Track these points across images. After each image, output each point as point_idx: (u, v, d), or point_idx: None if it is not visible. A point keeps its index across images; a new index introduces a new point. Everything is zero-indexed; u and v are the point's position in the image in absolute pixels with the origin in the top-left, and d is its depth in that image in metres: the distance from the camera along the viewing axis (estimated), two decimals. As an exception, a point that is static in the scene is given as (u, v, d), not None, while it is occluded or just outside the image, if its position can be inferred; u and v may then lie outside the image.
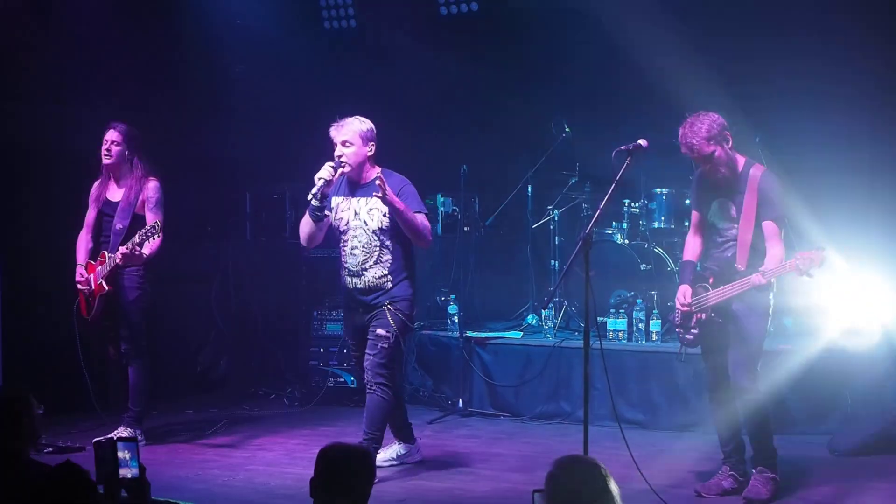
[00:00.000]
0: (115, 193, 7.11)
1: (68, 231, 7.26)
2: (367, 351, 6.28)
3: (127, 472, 3.78)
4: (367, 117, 6.33)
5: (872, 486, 5.96)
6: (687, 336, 5.84)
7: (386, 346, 6.23)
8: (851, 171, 8.87)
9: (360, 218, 6.27)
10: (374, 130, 6.31)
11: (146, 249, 6.82)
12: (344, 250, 6.33)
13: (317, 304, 8.85)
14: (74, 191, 7.07)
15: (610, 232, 8.63)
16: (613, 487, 3.12)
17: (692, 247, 6.03)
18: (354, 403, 8.47)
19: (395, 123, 9.43)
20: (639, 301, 8.08)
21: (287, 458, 6.78)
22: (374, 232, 6.23)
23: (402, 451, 6.62)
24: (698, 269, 5.95)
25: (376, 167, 6.33)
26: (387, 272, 6.26)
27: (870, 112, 8.29)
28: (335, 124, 6.28)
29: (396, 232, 6.24)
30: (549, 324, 8.50)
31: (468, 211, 9.04)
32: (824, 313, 7.44)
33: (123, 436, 6.49)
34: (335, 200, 6.35)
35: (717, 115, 5.68)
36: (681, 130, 5.68)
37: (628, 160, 5.36)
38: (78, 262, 7.10)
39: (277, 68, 9.07)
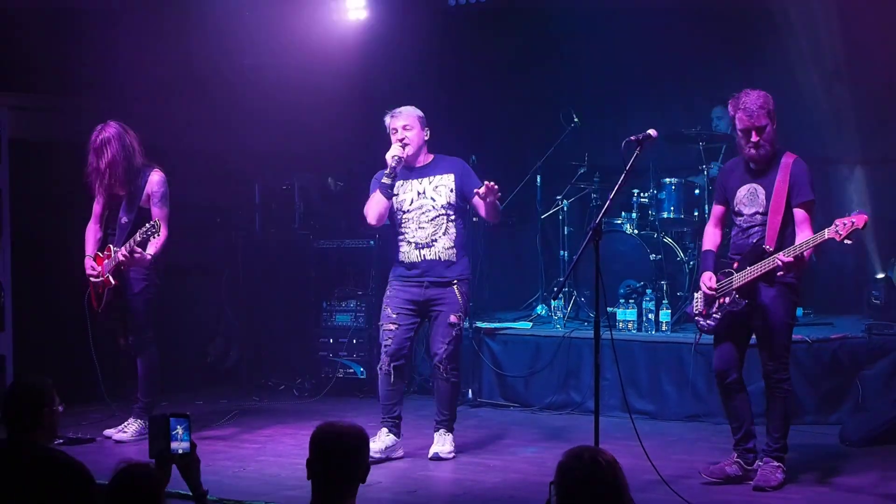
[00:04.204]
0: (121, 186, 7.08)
1: (78, 221, 7.25)
2: (439, 338, 6.48)
3: (178, 447, 3.87)
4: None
5: (883, 475, 5.94)
6: (708, 322, 5.80)
7: (458, 332, 6.51)
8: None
9: (427, 195, 6.52)
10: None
11: (151, 249, 6.79)
12: (408, 227, 6.53)
13: (326, 295, 8.86)
14: (83, 182, 7.05)
15: (619, 222, 8.61)
16: (623, 478, 3.12)
17: (712, 238, 6.00)
18: (364, 394, 8.50)
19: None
20: (648, 291, 8.07)
21: (297, 449, 6.77)
22: (442, 206, 6.50)
23: (391, 444, 6.51)
24: (721, 259, 5.91)
25: (430, 154, 6.65)
26: (452, 244, 6.51)
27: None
28: (390, 113, 6.57)
29: (459, 207, 6.57)
30: (559, 314, 8.50)
31: (477, 201, 9.01)
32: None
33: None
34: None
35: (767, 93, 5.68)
36: (733, 102, 5.66)
37: (638, 150, 5.34)
38: (87, 254, 7.08)
39: (286, 59, 9.06)
